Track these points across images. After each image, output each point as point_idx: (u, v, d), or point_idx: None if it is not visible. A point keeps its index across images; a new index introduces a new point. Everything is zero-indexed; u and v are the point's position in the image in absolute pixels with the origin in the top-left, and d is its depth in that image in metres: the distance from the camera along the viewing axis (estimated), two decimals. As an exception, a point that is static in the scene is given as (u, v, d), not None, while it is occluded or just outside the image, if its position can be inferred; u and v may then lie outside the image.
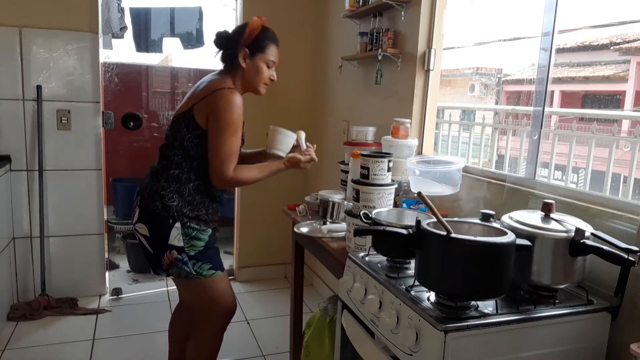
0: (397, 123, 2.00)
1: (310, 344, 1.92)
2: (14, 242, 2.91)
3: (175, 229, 1.72)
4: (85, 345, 2.57)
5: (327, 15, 3.18)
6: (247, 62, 1.77)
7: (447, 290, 1.10)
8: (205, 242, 1.77)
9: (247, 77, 1.79)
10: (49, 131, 2.90)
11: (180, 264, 1.74)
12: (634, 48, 3.45)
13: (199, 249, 1.76)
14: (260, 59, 1.78)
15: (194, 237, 1.75)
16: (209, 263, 1.78)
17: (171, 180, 1.74)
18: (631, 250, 1.08)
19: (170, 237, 1.72)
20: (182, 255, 1.73)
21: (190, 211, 1.74)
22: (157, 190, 1.73)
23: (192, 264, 1.74)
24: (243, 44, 1.76)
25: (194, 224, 1.74)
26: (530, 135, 1.73)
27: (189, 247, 1.74)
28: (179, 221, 1.72)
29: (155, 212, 1.72)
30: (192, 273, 1.74)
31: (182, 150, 1.73)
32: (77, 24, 2.88)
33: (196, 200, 1.75)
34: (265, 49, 1.79)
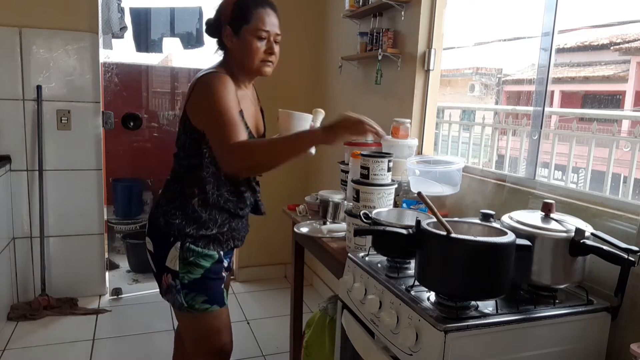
0: (397, 123, 1.99)
1: (310, 344, 1.92)
2: (14, 242, 2.91)
3: (174, 249, 1.48)
4: (85, 345, 2.57)
5: (327, 15, 3.18)
6: (234, 41, 1.46)
7: (447, 290, 1.10)
8: (204, 270, 1.49)
9: (238, 58, 1.48)
10: (49, 131, 2.90)
11: (173, 292, 1.49)
12: (634, 48, 3.46)
13: (195, 277, 1.48)
14: (247, 32, 1.44)
15: (192, 262, 1.48)
16: (204, 295, 1.49)
17: (175, 195, 1.51)
18: (631, 250, 1.08)
19: (167, 258, 1.49)
20: (176, 281, 1.48)
21: (195, 230, 1.48)
22: (162, 204, 1.53)
23: (185, 294, 1.48)
24: (224, 21, 1.47)
25: (196, 246, 1.48)
26: (530, 135, 1.73)
27: (184, 273, 1.48)
28: (180, 241, 1.48)
29: (159, 228, 1.51)
30: (184, 305, 1.48)
31: (185, 160, 1.50)
32: (77, 24, 2.88)
33: (204, 217, 1.48)
34: (249, 18, 1.44)
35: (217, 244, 1.52)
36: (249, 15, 1.44)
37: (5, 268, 2.77)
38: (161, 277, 1.53)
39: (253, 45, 1.45)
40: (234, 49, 1.47)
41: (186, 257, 1.47)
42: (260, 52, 1.46)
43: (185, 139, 1.48)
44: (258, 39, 1.45)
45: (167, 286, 1.51)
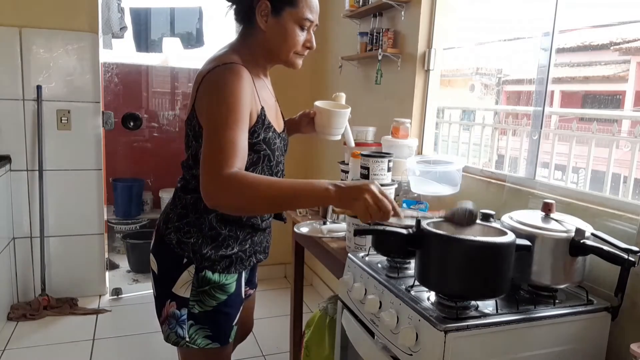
0: (397, 123, 2.00)
1: (310, 344, 1.92)
2: (14, 242, 2.91)
3: (187, 273, 1.26)
4: (85, 345, 2.57)
5: (327, 15, 3.18)
6: (270, 21, 1.21)
7: (447, 290, 1.10)
8: (217, 303, 1.29)
9: (270, 44, 1.23)
10: (49, 131, 2.90)
11: (174, 323, 1.28)
12: (634, 48, 3.46)
13: (208, 309, 1.28)
14: (290, 17, 1.21)
15: (207, 292, 1.27)
16: (209, 330, 1.30)
17: (189, 208, 1.27)
18: (631, 250, 1.08)
19: (177, 283, 1.27)
20: (182, 310, 1.27)
21: (213, 251, 1.26)
22: (172, 220, 1.29)
23: (190, 325, 1.28)
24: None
25: (213, 273, 1.27)
26: (530, 135, 1.73)
27: (194, 301, 1.27)
28: (195, 264, 1.26)
29: (169, 247, 1.28)
30: (185, 339, 1.28)
31: (197, 168, 1.16)
32: (77, 24, 2.88)
33: (223, 235, 1.27)
34: (297, 1, 1.21)
35: (240, 264, 1.32)
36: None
37: (5, 268, 2.77)
38: (162, 304, 1.30)
39: (294, 34, 1.22)
40: (267, 30, 1.21)
41: (201, 284, 1.26)
42: (300, 43, 1.24)
43: (197, 147, 1.22)
44: (300, 28, 1.23)
45: (166, 315, 1.29)
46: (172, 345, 1.32)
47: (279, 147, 1.32)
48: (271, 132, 1.26)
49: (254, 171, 1.26)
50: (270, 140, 1.26)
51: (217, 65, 1.17)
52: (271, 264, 3.56)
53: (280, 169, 1.36)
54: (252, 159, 1.23)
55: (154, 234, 1.36)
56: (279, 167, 1.34)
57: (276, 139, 1.29)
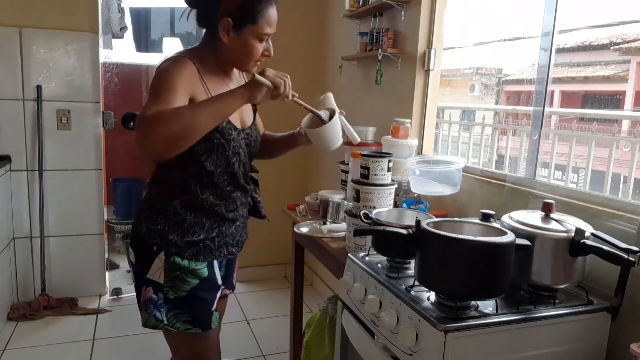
0: (397, 123, 2.00)
1: (310, 344, 1.92)
2: (14, 242, 2.91)
3: (159, 260, 1.32)
4: (85, 345, 2.57)
5: (327, 15, 3.18)
6: (231, 36, 1.27)
7: (447, 290, 1.10)
8: (190, 288, 1.33)
9: (230, 55, 1.31)
10: (49, 131, 2.90)
11: (152, 307, 1.33)
12: (634, 48, 3.46)
13: (182, 294, 1.33)
14: (251, 33, 1.27)
15: (179, 277, 1.32)
16: (188, 315, 1.34)
17: (156, 197, 1.36)
18: (631, 250, 1.08)
19: (150, 270, 1.33)
20: (158, 295, 1.33)
21: (179, 236, 1.31)
22: (144, 209, 1.37)
23: (167, 309, 1.33)
24: (225, 10, 1.25)
25: (182, 260, 1.32)
26: (530, 135, 1.73)
27: (169, 287, 1.32)
28: (164, 250, 1.32)
29: (141, 236, 1.35)
30: (163, 321, 1.33)
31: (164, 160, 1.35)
32: (77, 24, 2.88)
33: (188, 221, 1.32)
34: (257, 18, 1.26)
35: (208, 253, 1.36)
36: (257, 15, 1.26)
37: (5, 268, 2.77)
38: (140, 292, 1.37)
39: (254, 47, 1.29)
40: (229, 43, 1.28)
41: (172, 270, 1.32)
42: (259, 54, 1.32)
43: None
44: (259, 41, 1.30)
45: (144, 301, 1.35)
46: (152, 329, 1.35)
47: (238, 140, 1.35)
48: (225, 122, 1.31)
49: (209, 160, 1.31)
50: (224, 131, 1.31)
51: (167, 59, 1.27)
52: (271, 264, 3.56)
53: (239, 161, 1.38)
54: (205, 147, 1.29)
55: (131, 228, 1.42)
56: (236, 158, 1.36)
57: (232, 130, 1.33)
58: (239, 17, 1.25)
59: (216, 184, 1.35)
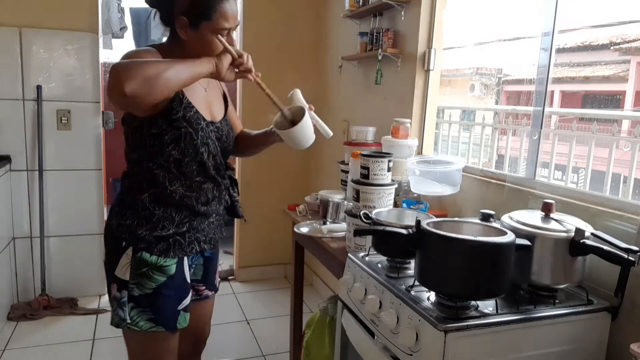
0: (397, 123, 2.00)
1: (310, 344, 1.92)
2: (14, 242, 2.91)
3: (126, 255, 1.31)
4: (85, 345, 2.57)
5: (327, 15, 3.18)
6: (189, 33, 1.28)
7: (447, 290, 1.10)
8: (156, 285, 1.31)
9: (194, 52, 1.29)
10: (49, 131, 2.90)
11: (115, 305, 1.32)
12: (634, 48, 3.46)
13: (148, 292, 1.31)
14: (207, 29, 1.26)
15: (145, 274, 1.30)
16: (151, 313, 1.32)
17: (125, 192, 1.36)
18: (631, 250, 1.07)
19: (118, 266, 1.32)
20: (122, 293, 1.31)
21: (148, 232, 1.30)
22: (115, 205, 1.37)
23: (131, 307, 1.31)
24: (178, 8, 1.27)
25: (150, 255, 1.30)
26: (530, 135, 1.73)
27: (134, 284, 1.30)
28: (132, 246, 1.31)
29: (110, 232, 1.35)
30: (126, 320, 1.30)
31: (131, 153, 1.35)
32: (77, 24, 2.88)
33: (157, 215, 1.31)
34: (211, 14, 1.25)
35: (179, 249, 1.35)
36: (211, 11, 1.25)
37: (5, 268, 2.76)
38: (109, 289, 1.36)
39: (213, 43, 1.28)
40: (188, 40, 1.29)
41: (139, 266, 1.30)
42: (219, 49, 1.29)
43: (127, 130, 1.34)
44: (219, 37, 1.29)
45: (110, 298, 1.35)
46: (115, 328, 1.33)
47: (206, 131, 1.34)
48: (193, 112, 1.31)
49: (176, 148, 1.30)
50: (191, 120, 1.30)
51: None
52: (271, 264, 3.56)
53: (208, 151, 1.36)
54: (173, 135, 1.29)
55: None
56: (205, 148, 1.34)
57: (200, 120, 1.33)
58: (193, 14, 1.26)
59: (185, 174, 1.33)
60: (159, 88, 1.14)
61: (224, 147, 1.45)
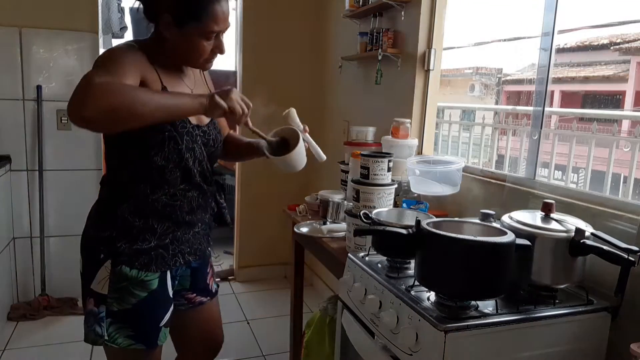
0: (397, 123, 2.00)
1: (310, 344, 1.92)
2: (14, 242, 2.91)
3: (104, 268, 1.22)
4: (85, 345, 2.56)
5: (327, 15, 3.18)
6: (173, 32, 1.17)
7: (447, 290, 1.10)
8: (137, 300, 1.23)
9: (176, 51, 1.22)
10: (49, 131, 2.90)
11: (92, 320, 1.23)
12: (634, 48, 3.46)
13: (127, 307, 1.22)
14: (195, 31, 1.16)
15: (125, 288, 1.22)
16: (131, 330, 1.23)
17: (103, 201, 1.29)
18: (631, 250, 1.07)
19: (95, 280, 1.24)
20: (100, 308, 1.22)
21: (128, 245, 1.21)
22: (92, 214, 1.30)
23: (109, 323, 1.22)
24: (163, 4, 1.15)
25: (130, 269, 1.21)
26: (530, 135, 1.73)
27: (113, 298, 1.21)
28: (111, 259, 1.22)
29: (87, 243, 1.29)
30: (104, 337, 1.22)
31: (111, 159, 1.27)
32: (77, 24, 2.88)
33: (136, 227, 1.22)
34: (201, 16, 1.14)
35: (161, 262, 1.25)
36: (201, 13, 1.14)
37: (5, 268, 2.76)
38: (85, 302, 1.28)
39: (200, 46, 1.19)
40: (171, 39, 1.19)
41: (118, 280, 1.21)
42: (206, 52, 1.21)
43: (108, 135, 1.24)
44: (207, 40, 1.19)
45: (85, 313, 1.25)
46: (91, 344, 1.26)
47: (191, 133, 1.25)
48: None
49: (159, 154, 1.20)
50: (176, 123, 1.20)
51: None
52: (271, 264, 3.56)
53: (194, 157, 1.27)
54: (155, 139, 1.19)
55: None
56: (190, 153, 1.25)
57: (186, 123, 1.23)
58: (180, 13, 1.15)
59: (168, 181, 1.24)
60: (125, 122, 1.04)
61: (211, 152, 1.35)
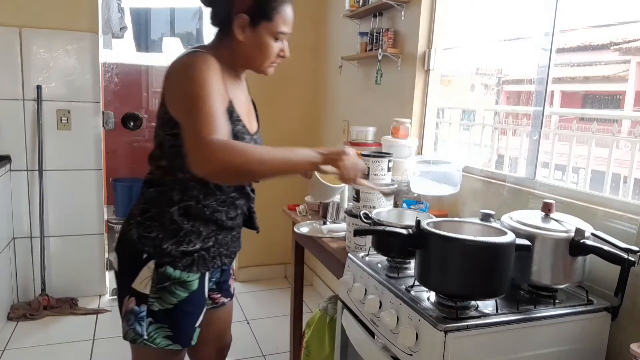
0: (397, 123, 2.00)
1: (310, 344, 1.92)
2: (14, 242, 2.91)
3: (147, 268, 1.23)
4: (85, 345, 2.57)
5: (327, 15, 3.18)
6: (247, 33, 1.23)
7: (447, 290, 1.10)
8: (178, 301, 1.25)
9: (245, 54, 1.26)
10: (49, 131, 2.90)
11: (132, 319, 1.24)
12: (634, 48, 3.46)
13: (168, 307, 1.25)
14: (266, 30, 1.23)
15: (167, 289, 1.24)
16: (170, 330, 1.26)
17: (151, 202, 1.28)
18: (631, 250, 1.08)
19: (137, 279, 1.24)
20: (141, 307, 1.24)
21: (174, 246, 1.23)
22: (135, 214, 1.29)
23: (149, 323, 1.24)
24: (240, 7, 1.21)
25: (174, 270, 1.24)
26: (530, 135, 1.73)
27: (154, 299, 1.23)
28: (155, 259, 1.23)
29: (130, 243, 1.26)
30: (143, 336, 1.24)
31: (164, 160, 1.26)
32: (77, 24, 2.88)
33: (184, 230, 1.24)
34: (273, 15, 1.22)
35: (202, 264, 1.28)
36: (272, 12, 1.22)
37: (5, 268, 2.76)
38: (122, 302, 1.28)
39: (269, 46, 1.25)
40: (245, 42, 1.24)
41: (161, 281, 1.23)
42: (274, 54, 1.27)
43: (164, 135, 1.23)
44: (275, 40, 1.25)
45: (125, 312, 1.26)
46: (130, 342, 1.27)
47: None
48: (240, 126, 1.26)
49: None
50: (238, 134, 1.24)
51: (186, 54, 1.21)
52: (271, 264, 3.56)
53: None
54: None
55: (119, 232, 1.34)
56: None
57: (245, 134, 1.27)
58: (254, 13, 1.21)
59: (222, 189, 1.28)
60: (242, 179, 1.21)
61: None
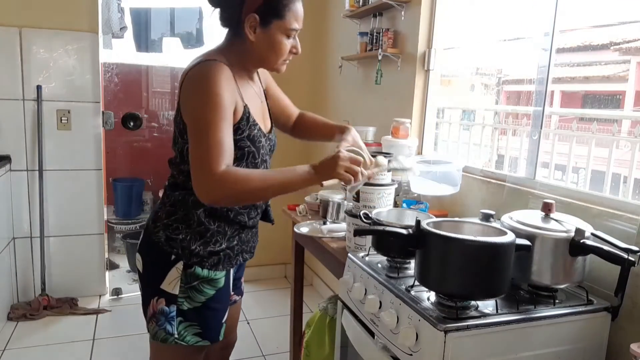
0: (397, 123, 2.00)
1: (310, 344, 1.92)
2: (14, 242, 2.91)
3: (175, 270, 1.27)
4: (85, 345, 2.57)
5: (327, 15, 3.18)
6: (258, 33, 1.22)
7: (447, 290, 1.10)
8: (206, 298, 1.30)
9: (257, 53, 1.26)
10: (49, 131, 2.90)
11: (163, 319, 1.28)
12: (634, 48, 3.46)
13: (197, 305, 1.29)
14: (278, 28, 1.22)
15: (196, 287, 1.28)
16: (199, 327, 1.30)
17: (177, 204, 1.29)
18: (631, 250, 1.08)
19: (165, 280, 1.27)
20: (171, 307, 1.27)
21: (202, 247, 1.27)
22: (161, 217, 1.30)
23: (179, 322, 1.28)
24: (250, 6, 1.20)
25: (202, 269, 1.28)
26: (530, 135, 1.73)
27: (183, 298, 1.27)
28: (184, 260, 1.27)
29: (157, 245, 1.29)
30: (174, 335, 1.28)
31: (186, 165, 1.25)
32: (77, 24, 2.88)
33: (211, 231, 1.29)
34: (284, 12, 1.22)
35: (227, 262, 1.34)
36: (284, 10, 1.21)
37: (5, 268, 2.77)
38: (147, 302, 1.31)
39: (282, 43, 1.24)
40: (256, 42, 1.24)
41: (189, 280, 1.27)
42: (287, 51, 1.27)
43: (184, 144, 1.24)
44: (287, 37, 1.25)
45: (153, 312, 1.29)
46: (160, 342, 1.30)
47: (264, 146, 1.33)
48: (256, 130, 1.29)
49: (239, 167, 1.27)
50: (255, 138, 1.28)
51: (198, 63, 1.21)
52: (271, 264, 3.56)
53: (265, 167, 1.37)
54: (236, 155, 1.24)
55: (142, 233, 1.37)
56: (263, 165, 1.35)
57: (261, 137, 1.31)
58: (265, 12, 1.21)
59: None
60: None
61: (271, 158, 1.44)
